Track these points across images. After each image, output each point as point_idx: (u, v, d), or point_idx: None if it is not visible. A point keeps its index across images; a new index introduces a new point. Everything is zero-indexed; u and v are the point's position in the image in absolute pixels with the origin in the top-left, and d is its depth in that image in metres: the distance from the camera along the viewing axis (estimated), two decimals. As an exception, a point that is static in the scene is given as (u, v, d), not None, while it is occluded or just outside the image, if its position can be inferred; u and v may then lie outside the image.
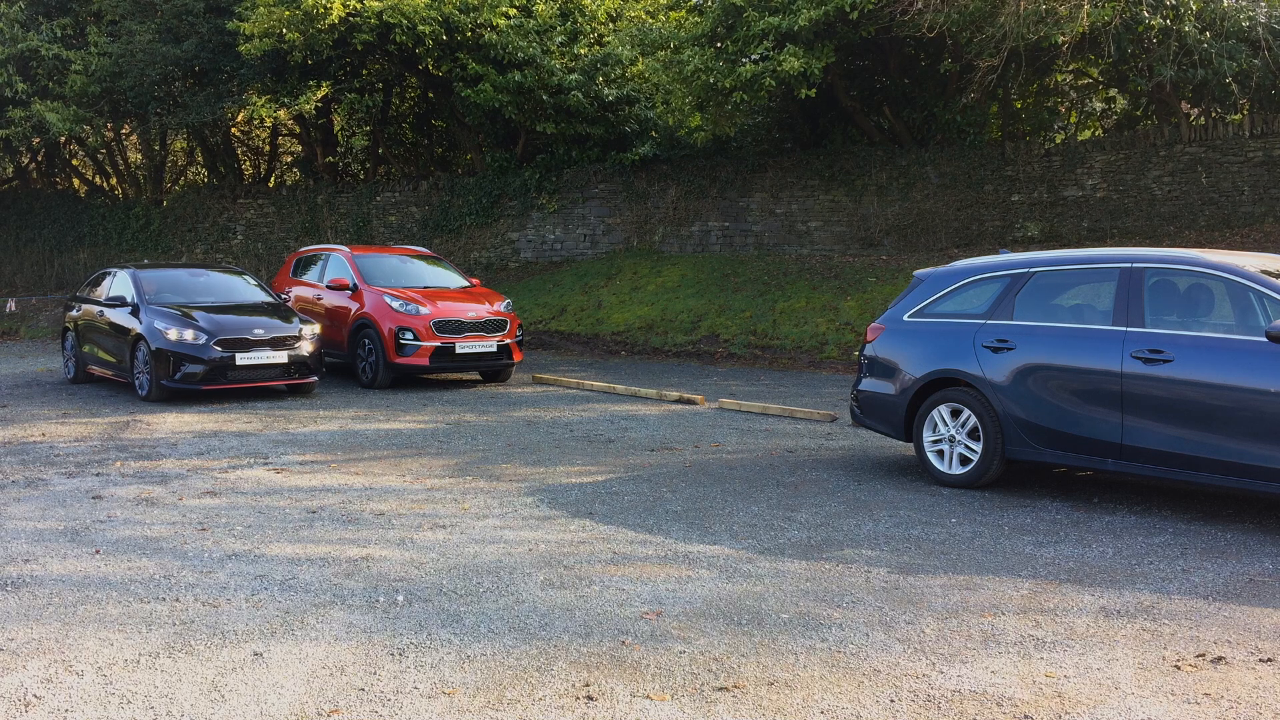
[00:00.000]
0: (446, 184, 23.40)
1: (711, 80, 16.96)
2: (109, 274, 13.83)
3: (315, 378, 12.64)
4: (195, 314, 12.20)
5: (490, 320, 13.59)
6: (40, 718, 3.86)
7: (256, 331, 12.13)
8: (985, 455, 7.50)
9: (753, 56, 17.19)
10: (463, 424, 10.77)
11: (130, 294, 12.76)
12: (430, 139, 27.00)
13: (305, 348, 12.39)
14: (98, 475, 8.22)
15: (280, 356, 12.16)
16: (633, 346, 17.29)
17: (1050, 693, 4.05)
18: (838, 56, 17.34)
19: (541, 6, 20.51)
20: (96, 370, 13.50)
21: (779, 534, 6.40)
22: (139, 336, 12.16)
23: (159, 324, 11.99)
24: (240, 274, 14.25)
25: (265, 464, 8.68)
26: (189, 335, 11.86)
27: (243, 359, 11.94)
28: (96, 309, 13.36)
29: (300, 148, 28.20)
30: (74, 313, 14.15)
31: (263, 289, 13.85)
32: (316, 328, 12.69)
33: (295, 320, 12.61)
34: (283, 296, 14.20)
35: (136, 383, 12.32)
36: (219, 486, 7.81)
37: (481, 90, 19.90)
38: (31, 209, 27.63)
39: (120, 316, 12.71)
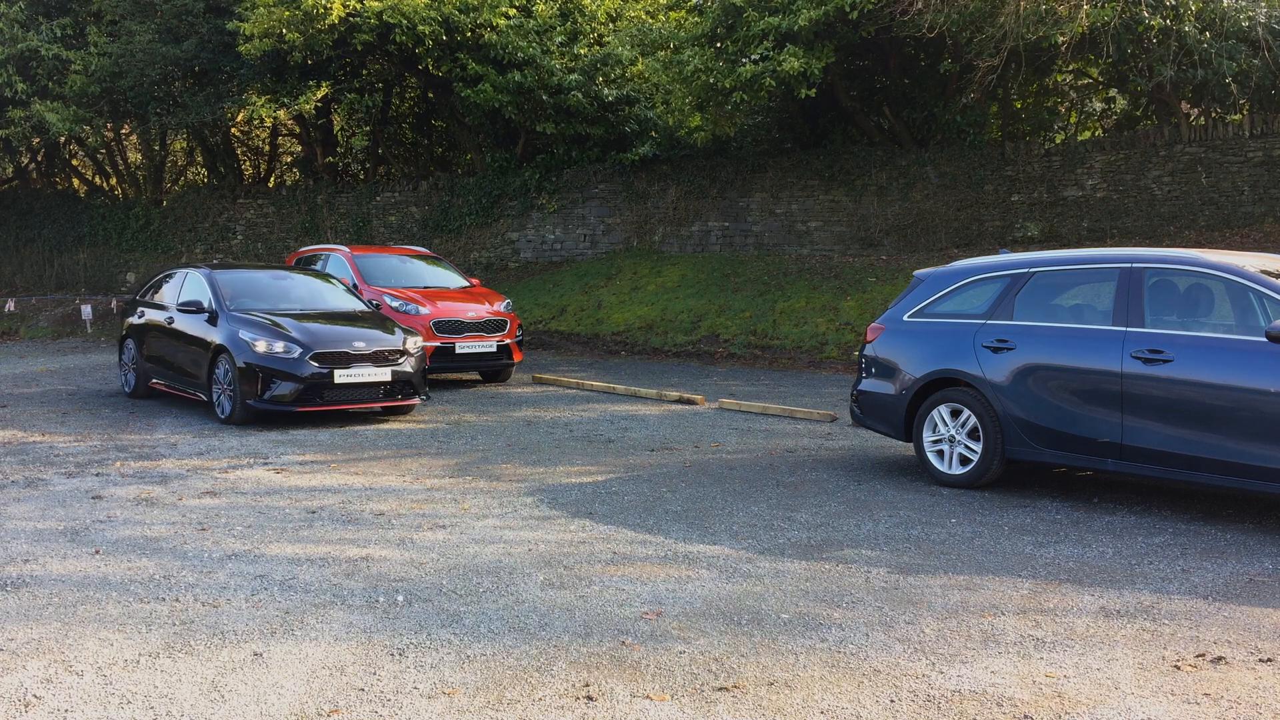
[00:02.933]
0: (446, 184, 23.40)
1: (711, 80, 16.96)
2: (176, 275, 12.30)
3: (419, 399, 11.07)
4: (285, 323, 10.64)
5: (490, 320, 13.59)
6: (40, 718, 3.86)
7: (357, 344, 10.53)
8: (985, 455, 7.49)
9: (753, 56, 17.19)
10: (463, 424, 10.77)
11: (207, 298, 11.16)
12: (430, 139, 27.00)
13: (410, 364, 10.79)
14: (98, 475, 8.22)
15: (383, 374, 10.58)
16: (633, 346, 17.29)
17: (1050, 693, 4.05)
18: (838, 56, 17.34)
19: (541, 6, 20.51)
20: (161, 385, 11.98)
21: (779, 534, 6.40)
22: (220, 349, 10.55)
23: (245, 334, 10.42)
24: (326, 277, 12.86)
25: (265, 464, 8.68)
26: (280, 348, 10.26)
27: (342, 376, 10.35)
28: (164, 315, 11.77)
29: (300, 148, 28.20)
30: (135, 319, 12.50)
31: (352, 294, 12.39)
32: (420, 340, 11.21)
33: (398, 331, 11.09)
34: (375, 303, 12.65)
35: (215, 403, 10.68)
36: (219, 486, 7.81)
37: (481, 90, 19.90)
38: (31, 209, 27.64)
39: (195, 325, 11.13)
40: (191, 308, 11.19)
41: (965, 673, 4.24)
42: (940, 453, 7.78)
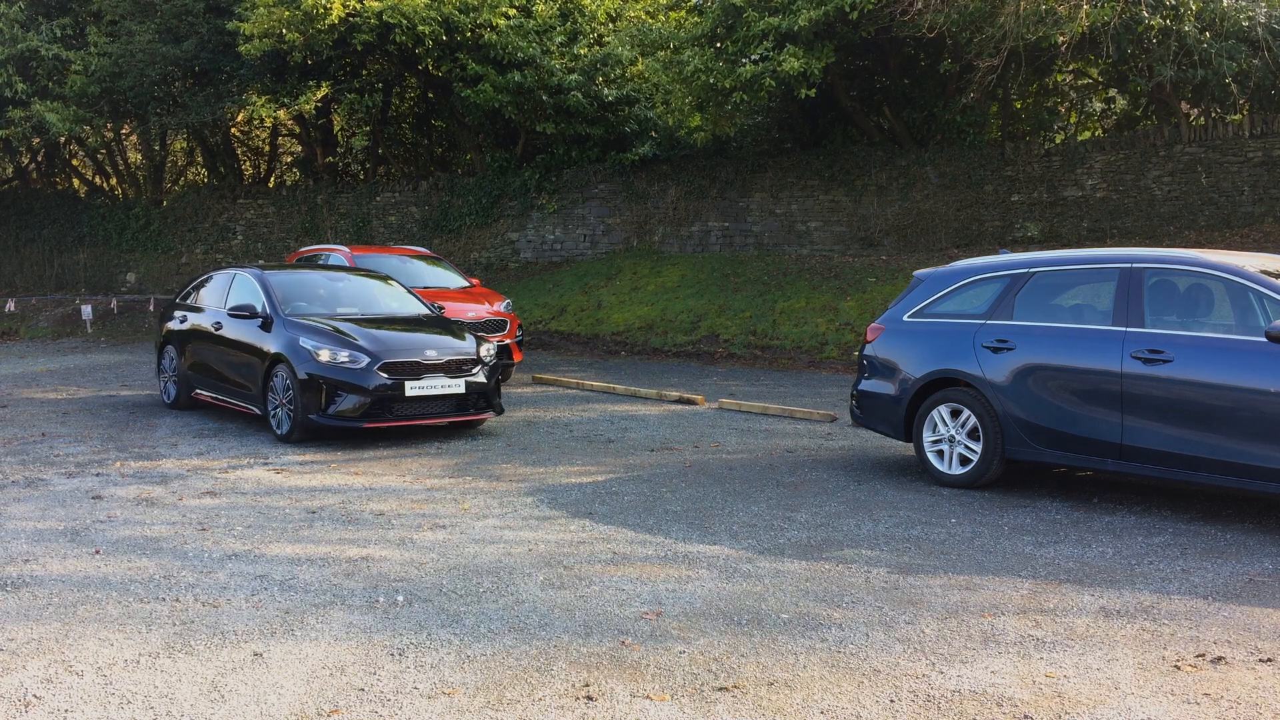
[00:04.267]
0: (446, 184, 23.40)
1: (711, 80, 16.97)
2: (221, 276, 11.39)
3: (493, 413, 10.11)
4: (348, 329, 9.72)
5: (490, 320, 13.59)
6: (40, 718, 3.86)
7: (429, 353, 9.59)
8: (985, 455, 7.49)
9: (753, 57, 17.20)
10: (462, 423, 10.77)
11: (260, 302, 10.24)
12: (430, 139, 27.01)
13: (484, 374, 9.86)
14: (98, 475, 8.22)
15: (457, 385, 9.61)
16: (633, 346, 17.29)
17: (1050, 693, 4.05)
18: (838, 57, 17.35)
19: (541, 6, 20.52)
20: (207, 396, 11.00)
21: (779, 534, 6.40)
22: (277, 358, 9.61)
23: (307, 341, 9.48)
24: (386, 279, 11.84)
25: (265, 464, 8.68)
26: (345, 357, 9.30)
27: (413, 388, 9.37)
28: (210, 320, 10.86)
29: (300, 148, 28.21)
30: (176, 324, 11.57)
31: (415, 297, 11.43)
32: (493, 348, 10.28)
33: (469, 338, 10.15)
34: (440, 307, 11.72)
35: (272, 417, 9.73)
36: (219, 486, 7.81)
37: (481, 90, 19.90)
38: (31, 209, 27.65)
39: (247, 331, 10.20)
40: (243, 312, 10.19)
41: (965, 673, 4.24)
42: (940, 453, 7.78)
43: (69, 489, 7.73)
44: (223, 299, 10.91)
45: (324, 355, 9.35)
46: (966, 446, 7.62)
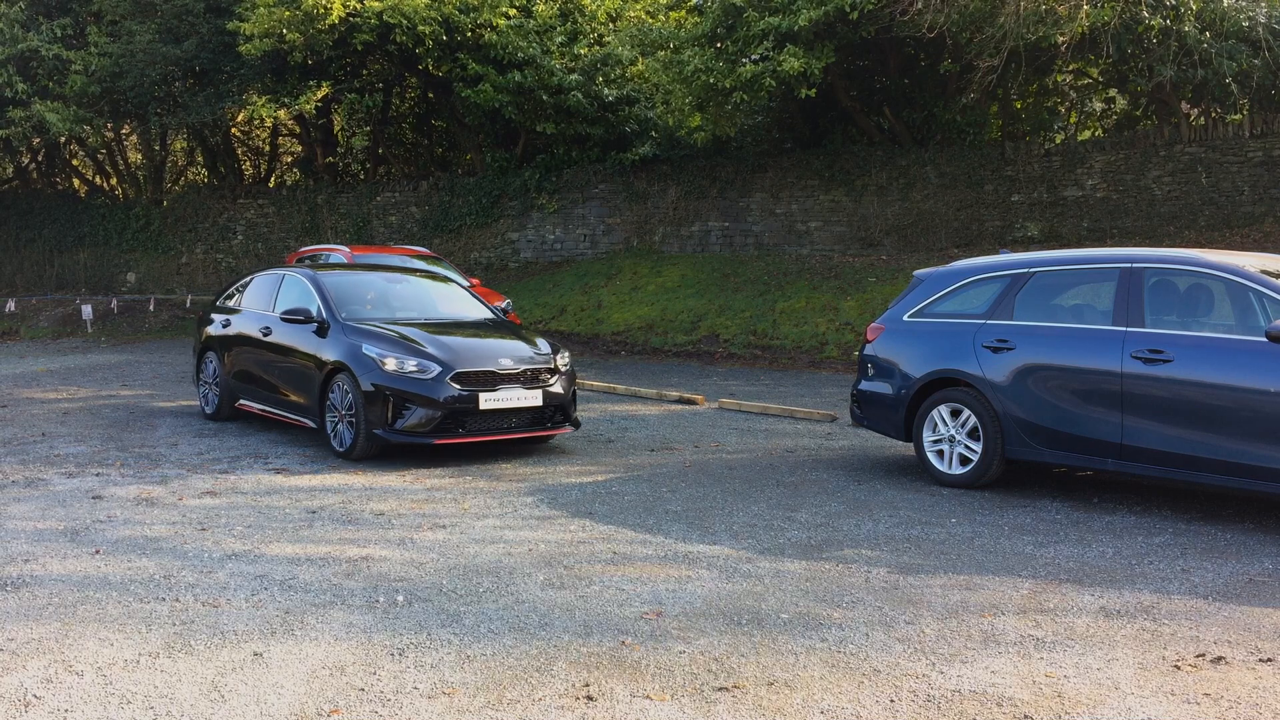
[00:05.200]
0: (446, 184, 23.41)
1: (711, 80, 16.97)
2: (266, 278, 10.61)
3: (571, 427, 9.30)
4: (414, 335, 8.90)
5: (490, 320, 13.56)
6: (40, 718, 3.86)
7: (503, 362, 8.77)
8: (985, 455, 7.49)
9: (753, 56, 17.20)
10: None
11: (315, 306, 9.42)
12: (430, 139, 27.02)
13: (561, 384, 9.04)
14: (98, 475, 8.22)
15: (533, 397, 8.77)
16: (633, 346, 17.29)
17: (1050, 693, 4.05)
18: (838, 56, 17.35)
19: (541, 6, 20.52)
20: (254, 407, 10.20)
21: (779, 534, 6.40)
22: (337, 367, 8.81)
23: (371, 349, 8.65)
24: (445, 279, 11.15)
25: (265, 464, 8.68)
26: (413, 366, 8.50)
27: (487, 401, 8.55)
28: (257, 325, 10.08)
29: (300, 148, 28.22)
30: (217, 328, 10.78)
31: (478, 299, 10.67)
32: (568, 356, 9.53)
33: (542, 343, 9.37)
34: (499, 312, 10.75)
35: (331, 432, 8.91)
36: (219, 486, 7.81)
37: (481, 90, 19.91)
38: (31, 209, 27.66)
39: (300, 337, 9.39)
40: (298, 317, 9.33)
41: (965, 673, 4.24)
42: (940, 453, 7.78)
43: (69, 489, 7.73)
44: (270, 302, 10.14)
45: (390, 364, 8.50)
46: (966, 446, 7.62)
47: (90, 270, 26.85)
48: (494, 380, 8.66)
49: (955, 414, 7.68)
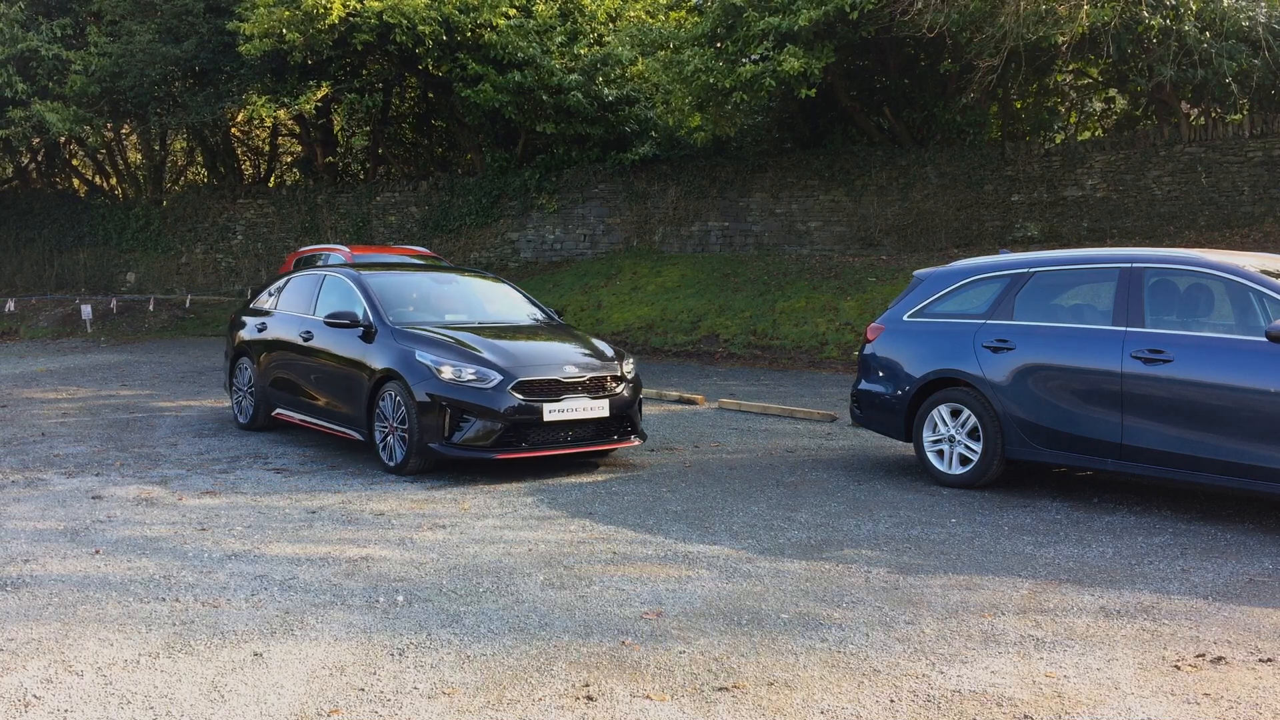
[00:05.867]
0: (446, 184, 23.41)
1: (711, 80, 16.98)
2: (305, 278, 9.99)
3: (638, 439, 8.63)
4: (469, 340, 8.32)
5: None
6: (40, 718, 3.86)
7: (568, 369, 8.17)
8: (985, 455, 7.49)
9: (753, 56, 17.21)
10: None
11: (362, 309, 8.80)
12: (430, 139, 27.03)
13: (627, 392, 8.42)
14: (98, 475, 8.22)
15: (600, 408, 8.12)
16: (633, 346, 17.30)
17: (1050, 693, 4.05)
18: (838, 56, 17.35)
19: (541, 6, 20.52)
20: (294, 417, 9.57)
21: (779, 534, 6.40)
22: (387, 375, 8.20)
23: (424, 355, 8.03)
24: (497, 280, 10.45)
25: (265, 464, 8.68)
26: (471, 374, 7.89)
27: (552, 412, 7.94)
28: (297, 329, 9.46)
29: (300, 148, 28.23)
30: (252, 332, 10.21)
31: (530, 300, 10.03)
32: (633, 362, 8.85)
33: (605, 348, 8.81)
34: (553, 313, 9.99)
35: (380, 446, 8.30)
36: (219, 486, 7.81)
37: (481, 90, 19.91)
38: (31, 209, 27.66)
39: (345, 342, 8.77)
40: (343, 320, 8.68)
41: (965, 673, 4.24)
42: (940, 453, 7.78)
43: (69, 489, 7.73)
44: (310, 304, 9.54)
45: (447, 372, 7.89)
46: (966, 446, 7.62)
47: (90, 270, 26.86)
48: (558, 389, 8.03)
49: (955, 414, 7.68)
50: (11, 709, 3.92)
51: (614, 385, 8.31)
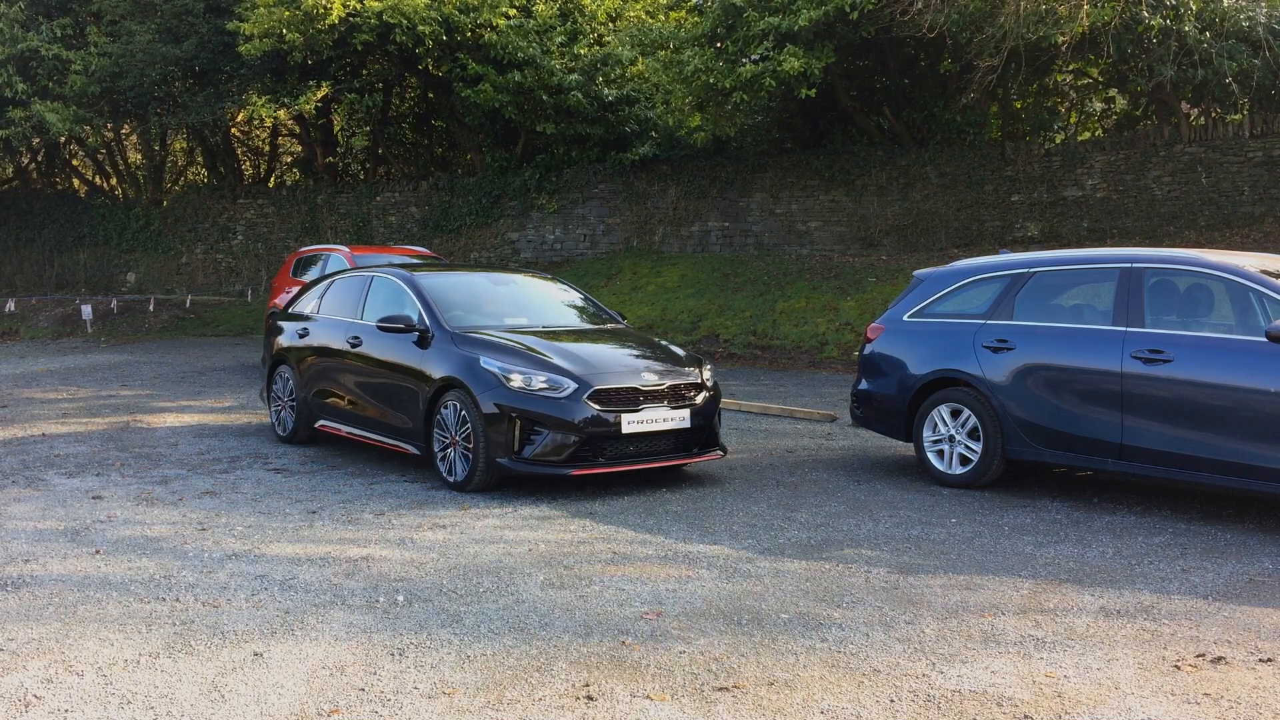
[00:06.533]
0: (446, 184, 23.41)
1: (711, 80, 16.97)
2: (351, 280, 9.38)
3: (719, 452, 8.06)
4: (537, 345, 7.72)
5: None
6: (40, 718, 3.86)
7: (646, 376, 7.59)
8: (985, 455, 7.49)
9: (753, 57, 17.20)
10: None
11: (416, 312, 8.18)
12: (430, 139, 27.03)
13: (707, 400, 7.85)
14: (98, 475, 8.22)
15: (680, 418, 7.55)
16: (633, 346, 17.28)
17: (1050, 693, 4.05)
18: (838, 56, 17.35)
19: (541, 6, 20.52)
20: (340, 430, 8.90)
21: (779, 534, 6.40)
22: (448, 383, 7.60)
23: (491, 362, 7.43)
24: (555, 280, 9.73)
25: (265, 464, 8.68)
26: (542, 382, 7.29)
27: (630, 423, 7.35)
28: (343, 334, 8.83)
29: (300, 148, 28.22)
30: (291, 338, 9.57)
31: (593, 302, 9.43)
32: (711, 369, 8.26)
33: (681, 353, 8.30)
34: (616, 315, 9.29)
35: (440, 460, 7.70)
36: (219, 486, 7.81)
37: (481, 90, 19.91)
38: (31, 209, 27.65)
39: (398, 349, 8.14)
40: (397, 325, 8.05)
41: (965, 673, 4.24)
42: (940, 453, 7.78)
43: (69, 489, 7.73)
44: (357, 308, 8.92)
45: (516, 380, 7.29)
46: (966, 446, 7.62)
47: (90, 270, 26.86)
48: (636, 398, 7.44)
49: (955, 414, 7.68)
50: (12, 709, 3.92)
51: (694, 393, 7.74)
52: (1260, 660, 4.37)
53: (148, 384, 13.96)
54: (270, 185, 28.50)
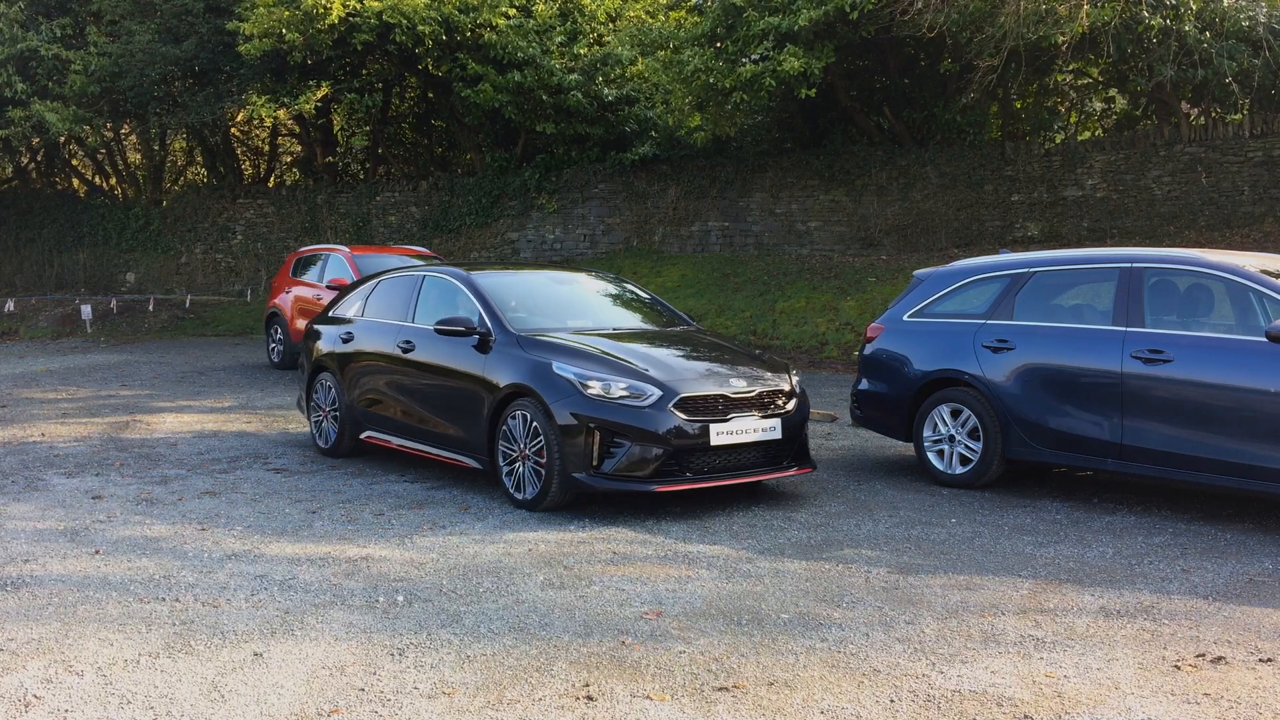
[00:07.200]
0: (446, 184, 23.41)
1: (711, 80, 16.97)
2: (399, 281, 8.79)
3: (811, 466, 7.48)
4: (612, 349, 7.18)
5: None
6: (40, 718, 3.86)
7: (735, 383, 7.01)
8: (985, 455, 7.50)
9: (753, 56, 17.20)
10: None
11: (477, 314, 7.60)
12: (430, 139, 27.02)
13: (798, 409, 7.30)
14: (98, 475, 8.22)
15: (771, 428, 6.98)
16: (633, 346, 17.26)
17: (1050, 693, 4.05)
18: (838, 56, 17.35)
19: (541, 6, 20.52)
20: (390, 442, 8.33)
21: (779, 534, 6.40)
22: (516, 391, 7.03)
23: (565, 367, 6.88)
24: (618, 279, 9.10)
25: (265, 464, 8.68)
26: (623, 390, 6.73)
27: (719, 434, 6.80)
28: (394, 339, 8.23)
29: (300, 148, 28.22)
30: (334, 343, 8.97)
31: (661, 304, 8.80)
32: (799, 376, 7.75)
33: (765, 356, 7.84)
34: (686, 317, 8.79)
35: (506, 475, 7.13)
36: (219, 486, 7.81)
37: (481, 90, 19.91)
38: (31, 209, 27.64)
39: (457, 354, 7.57)
40: (456, 328, 7.46)
41: (965, 673, 4.24)
42: (940, 452, 7.78)
43: (69, 489, 7.73)
44: (408, 310, 8.34)
45: (594, 387, 6.73)
46: (966, 446, 7.62)
47: (90, 270, 26.85)
48: (725, 407, 6.87)
49: (955, 414, 7.68)
50: (11, 709, 3.92)
51: (784, 401, 7.17)
52: (1260, 660, 4.37)
53: (147, 384, 13.95)
54: (270, 185, 28.49)
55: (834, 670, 4.28)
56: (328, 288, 14.17)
